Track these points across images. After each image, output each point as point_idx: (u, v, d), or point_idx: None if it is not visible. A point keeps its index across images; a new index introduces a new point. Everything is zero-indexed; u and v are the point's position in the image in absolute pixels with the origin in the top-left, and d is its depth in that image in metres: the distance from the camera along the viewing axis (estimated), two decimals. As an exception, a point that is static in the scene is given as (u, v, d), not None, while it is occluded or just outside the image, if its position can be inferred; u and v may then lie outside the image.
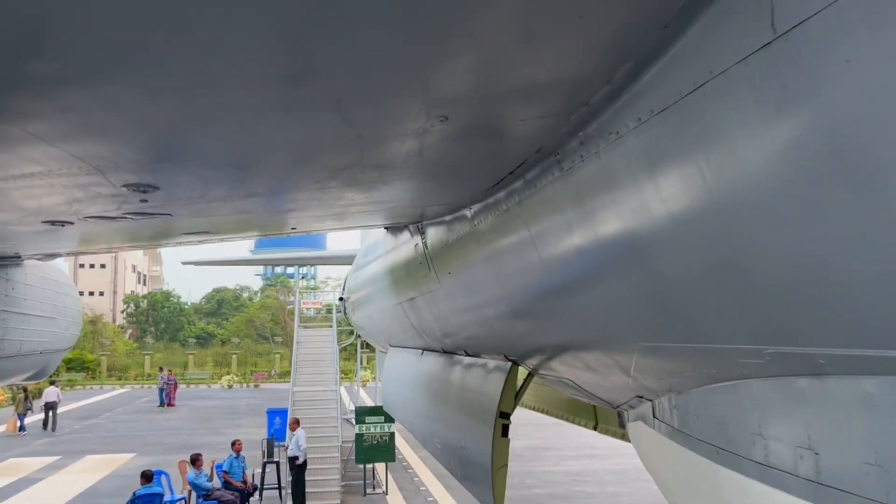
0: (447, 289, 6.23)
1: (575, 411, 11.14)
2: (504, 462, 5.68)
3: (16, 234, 4.77)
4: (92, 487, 18.55)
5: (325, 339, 23.71)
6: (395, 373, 12.39)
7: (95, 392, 49.49)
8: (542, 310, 4.32)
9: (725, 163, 2.10)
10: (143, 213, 4.10)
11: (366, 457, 17.46)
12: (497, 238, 4.43)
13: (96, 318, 71.24)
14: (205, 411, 36.71)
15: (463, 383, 7.05)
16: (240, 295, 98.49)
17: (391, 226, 7.80)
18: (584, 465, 21.05)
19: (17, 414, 29.47)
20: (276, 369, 57.87)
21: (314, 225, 5.79)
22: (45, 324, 11.24)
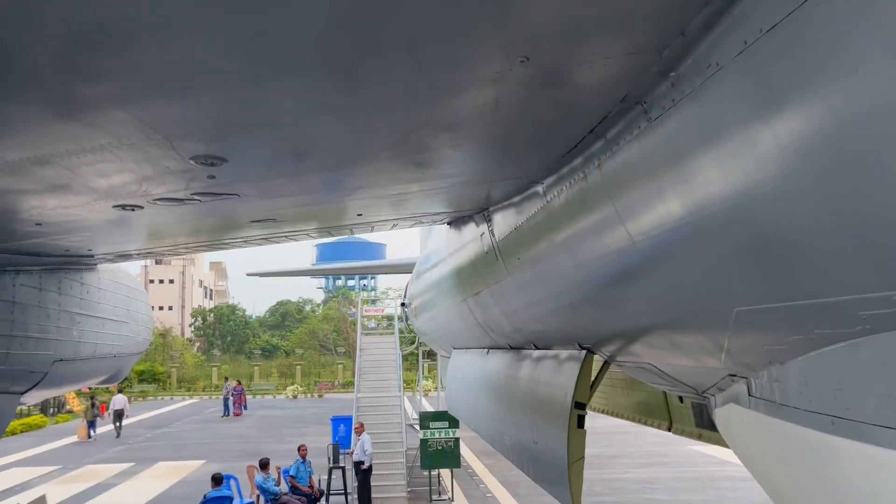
0: (516, 278, 6.02)
1: (647, 412, 10.74)
2: (580, 455, 5.43)
3: (87, 223, 4.80)
4: (164, 493, 18.93)
5: (387, 346, 23.74)
6: (460, 375, 12.21)
7: (166, 402, 50.90)
8: (625, 288, 4.06)
9: (860, 81, 1.81)
10: (210, 194, 4.05)
11: (431, 462, 17.29)
12: (573, 212, 4.19)
13: (166, 331, 73.44)
14: (271, 420, 37.25)
15: (533, 377, 6.81)
16: (303, 307, 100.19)
17: (455, 218, 7.65)
18: (654, 472, 20.41)
19: (86, 421, 30.85)
20: (340, 379, 58.43)
21: (377, 213, 5.66)
22: (118, 328, 11.50)
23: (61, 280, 9.26)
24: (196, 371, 64.55)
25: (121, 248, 7.19)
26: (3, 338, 7.97)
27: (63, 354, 9.42)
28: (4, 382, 8.46)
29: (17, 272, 8.22)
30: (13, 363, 8.28)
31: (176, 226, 5.39)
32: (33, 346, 8.62)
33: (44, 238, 5.35)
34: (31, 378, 8.92)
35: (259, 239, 7.64)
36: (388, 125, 2.98)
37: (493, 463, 22.13)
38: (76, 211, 4.27)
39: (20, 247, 5.79)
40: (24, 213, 4.31)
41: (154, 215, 4.71)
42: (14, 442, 29.81)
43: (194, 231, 6.08)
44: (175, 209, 4.43)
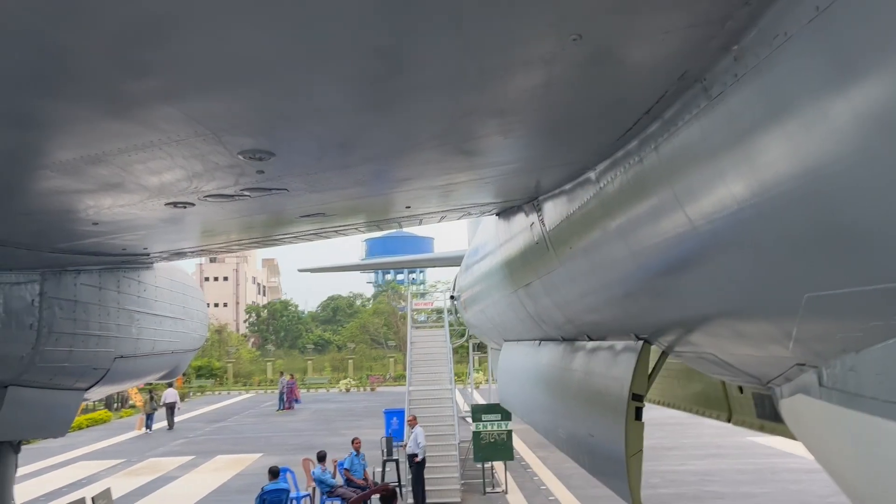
0: (569, 268, 5.89)
1: (705, 403, 10.45)
2: (639, 447, 5.29)
3: (142, 222, 4.87)
4: (223, 485, 19.35)
5: (438, 339, 23.77)
6: (511, 367, 12.11)
7: (223, 397, 52.06)
8: (685, 275, 3.90)
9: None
10: (260, 189, 4.05)
11: (484, 455, 17.25)
12: (628, 198, 4.05)
13: (221, 327, 75.16)
14: (325, 414, 37.75)
15: (588, 369, 6.67)
16: (353, 302, 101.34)
17: (503, 208, 7.55)
18: (712, 464, 19.97)
19: (144, 414, 32.68)
20: (391, 373, 58.88)
21: (425, 204, 5.60)
22: (175, 324, 11.75)
23: (120, 279, 9.49)
24: (251, 366, 65.91)
25: (175, 246, 7.30)
26: (66, 336, 8.20)
27: (123, 351, 9.65)
28: (69, 379, 8.70)
29: (78, 272, 8.44)
30: (77, 360, 8.51)
31: (227, 222, 5.43)
32: (95, 344, 8.85)
33: (101, 237, 5.46)
34: (94, 375, 9.17)
35: (309, 234, 7.67)
36: (436, 112, 2.91)
37: (546, 455, 21.98)
38: (130, 209, 4.32)
39: (80, 246, 5.92)
40: (81, 212, 4.38)
41: (206, 212, 4.74)
42: (81, 436, 30.89)
43: (246, 227, 6.12)
44: (226, 205, 4.45)
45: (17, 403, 7.84)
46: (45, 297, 7.80)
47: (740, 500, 15.93)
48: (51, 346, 7.93)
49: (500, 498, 16.56)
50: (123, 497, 17.99)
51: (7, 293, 7.19)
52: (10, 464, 8.71)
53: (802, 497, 15.93)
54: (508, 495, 16.75)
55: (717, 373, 4.98)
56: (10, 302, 7.22)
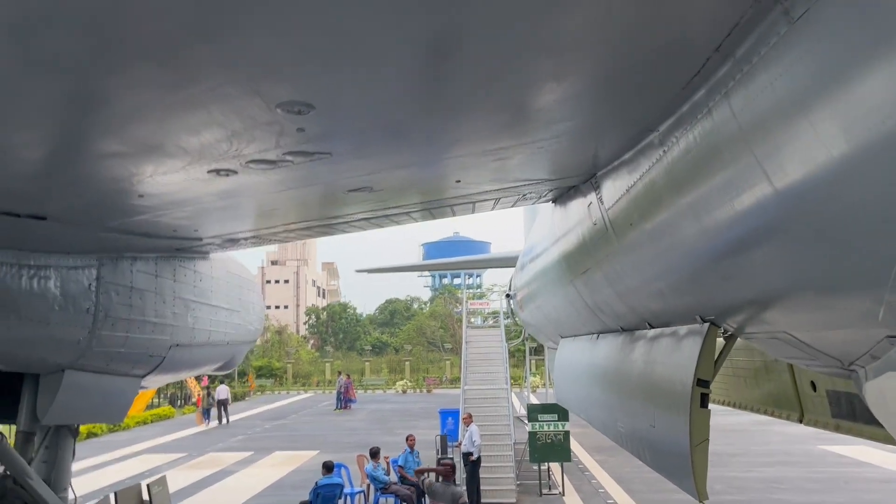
0: (629, 248, 5.55)
1: (774, 402, 9.89)
2: (704, 436, 4.92)
3: (188, 195, 4.79)
4: (280, 480, 19.52)
5: (493, 339, 23.50)
6: (568, 364, 11.76)
7: (282, 397, 52.89)
8: (761, 246, 3.53)
9: None
10: (302, 153, 3.90)
11: (540, 456, 16.89)
12: (696, 160, 3.70)
13: (282, 328, 76.58)
14: (380, 414, 37.88)
15: (648, 357, 6.31)
16: (410, 305, 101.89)
17: (560, 190, 7.26)
18: (780, 471, 19.11)
19: (202, 409, 35.27)
20: (447, 375, 58.81)
21: (476, 179, 5.35)
22: (230, 316, 11.81)
23: (176, 268, 9.56)
24: (310, 367, 66.86)
25: (226, 229, 7.26)
26: (123, 321, 8.27)
27: (179, 340, 9.71)
28: (125, 365, 8.78)
29: (134, 258, 8.52)
30: (132, 346, 8.58)
31: (275, 198, 5.30)
32: (151, 331, 8.91)
33: (149, 214, 5.41)
34: (150, 362, 9.24)
35: (361, 219, 7.54)
36: (484, 50, 2.68)
37: (605, 459, 21.44)
38: (173, 177, 4.23)
39: (130, 224, 5.89)
40: (125, 181, 4.31)
41: (251, 184, 4.63)
42: (146, 431, 31.80)
43: (295, 206, 6.00)
44: (270, 174, 4.31)
45: (74, 387, 7.93)
46: (102, 282, 7.88)
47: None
48: (107, 330, 8.00)
49: (557, 500, 16.18)
50: (184, 489, 18.32)
51: (65, 277, 7.26)
52: (68, 447, 8.84)
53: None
54: (565, 497, 16.35)
55: (790, 356, 4.58)
56: (67, 285, 7.29)
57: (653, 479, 18.97)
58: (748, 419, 30.32)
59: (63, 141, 3.66)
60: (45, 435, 8.60)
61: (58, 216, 5.22)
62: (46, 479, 8.37)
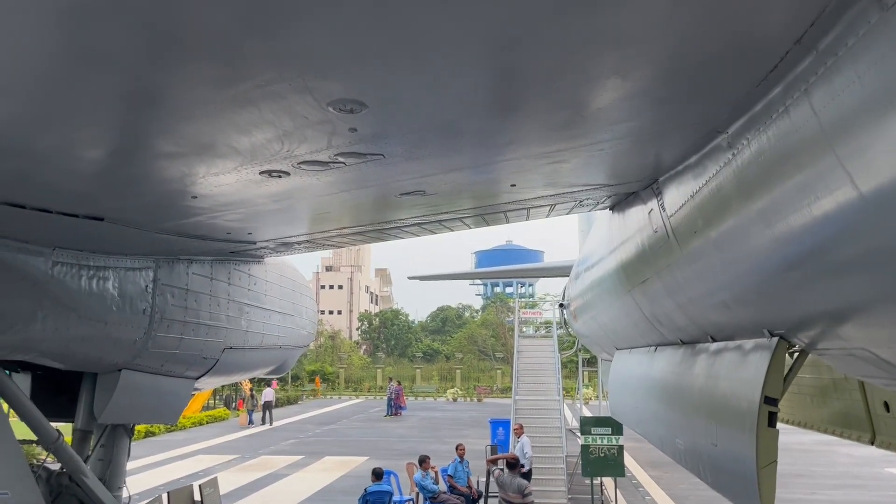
0: (692, 257, 5.31)
1: (843, 423, 9.41)
2: (772, 458, 4.63)
3: (240, 197, 4.77)
4: (329, 485, 19.57)
5: (545, 349, 23.17)
6: (624, 376, 11.43)
7: (334, 401, 53.34)
8: (842, 252, 3.27)
9: None
10: (354, 154, 3.81)
11: (593, 470, 16.47)
12: (771, 163, 3.46)
13: (335, 333, 77.39)
14: (431, 422, 37.81)
15: (711, 373, 6.02)
16: (462, 313, 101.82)
17: (618, 197, 7.03)
18: (847, 495, 18.25)
19: (248, 410, 36.95)
20: (498, 384, 58.41)
21: (531, 183, 5.19)
22: (283, 320, 11.88)
23: (231, 271, 9.65)
24: (362, 372, 67.35)
25: (280, 232, 7.27)
26: (177, 323, 8.36)
27: (232, 343, 9.79)
28: (180, 366, 8.88)
29: (190, 261, 8.62)
30: (187, 348, 8.67)
31: (327, 201, 5.25)
32: (205, 333, 9.00)
33: (203, 216, 5.42)
34: (203, 364, 9.33)
35: (413, 225, 7.45)
36: (546, 44, 2.52)
37: (660, 475, 20.85)
38: (226, 178, 4.20)
39: (185, 227, 5.93)
40: (179, 182, 4.31)
41: (303, 186, 4.57)
42: (201, 432, 32.43)
43: (347, 210, 5.94)
44: (322, 176, 4.25)
45: (130, 387, 8.04)
46: (158, 284, 7.99)
47: (882, 535, 14.38)
48: (162, 332, 8.10)
49: (610, 516, 15.76)
50: (236, 490, 18.54)
51: (122, 278, 7.38)
52: (123, 447, 8.97)
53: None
54: (618, 514, 15.92)
55: (867, 374, 4.28)
56: (125, 286, 7.40)
57: (710, 497, 18.27)
58: (811, 438, 29.08)
59: (117, 139, 3.66)
60: (101, 434, 8.75)
61: (114, 217, 5.27)
62: (102, 477, 8.52)
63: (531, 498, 11.54)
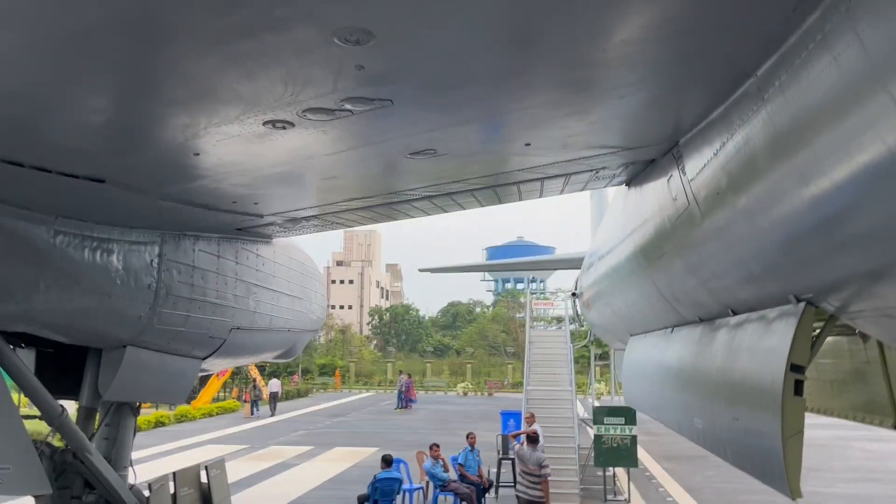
0: (715, 222, 5.06)
1: (865, 407, 9.15)
2: (798, 428, 4.41)
3: (244, 155, 4.58)
4: (339, 475, 19.46)
5: (557, 340, 22.94)
6: (638, 362, 11.20)
7: (344, 394, 53.32)
8: (885, 202, 3.04)
9: None
10: (361, 99, 3.62)
11: (605, 460, 16.26)
12: (807, 104, 3.19)
13: (345, 327, 77.44)
14: (441, 414, 37.70)
15: (732, 346, 5.79)
16: (473, 309, 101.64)
17: (634, 168, 6.81)
18: (865, 488, 17.93)
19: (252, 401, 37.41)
20: (509, 379, 58.20)
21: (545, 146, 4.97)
22: (292, 303, 11.74)
23: (238, 250, 9.51)
24: (372, 366, 67.37)
25: (287, 204, 7.10)
26: (183, 300, 8.22)
27: (240, 323, 9.65)
28: (186, 345, 8.74)
29: (196, 238, 8.48)
30: (193, 326, 8.53)
31: (334, 163, 5.05)
32: (212, 312, 8.86)
33: (207, 179, 5.25)
34: (210, 344, 9.19)
35: (423, 199, 7.29)
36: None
37: (673, 467, 20.60)
38: (228, 130, 4.02)
39: (189, 192, 5.76)
40: (179, 134, 4.14)
41: (308, 144, 4.39)
42: (212, 422, 32.46)
43: (355, 177, 5.76)
44: (328, 128, 4.06)
45: (135, 365, 7.90)
46: (164, 260, 7.84)
47: (901, 528, 14.08)
48: (168, 308, 7.96)
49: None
50: (246, 479, 18.45)
51: (127, 251, 7.24)
52: (128, 426, 8.85)
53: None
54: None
55: (904, 339, 4.04)
56: (129, 260, 7.26)
57: (725, 490, 18.12)
58: (827, 434, 28.72)
59: (113, 78, 3.48)
60: (106, 412, 8.63)
61: (116, 179, 5.10)
62: (107, 456, 8.39)
63: (548, 471, 12.25)
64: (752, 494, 16.98)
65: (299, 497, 16.39)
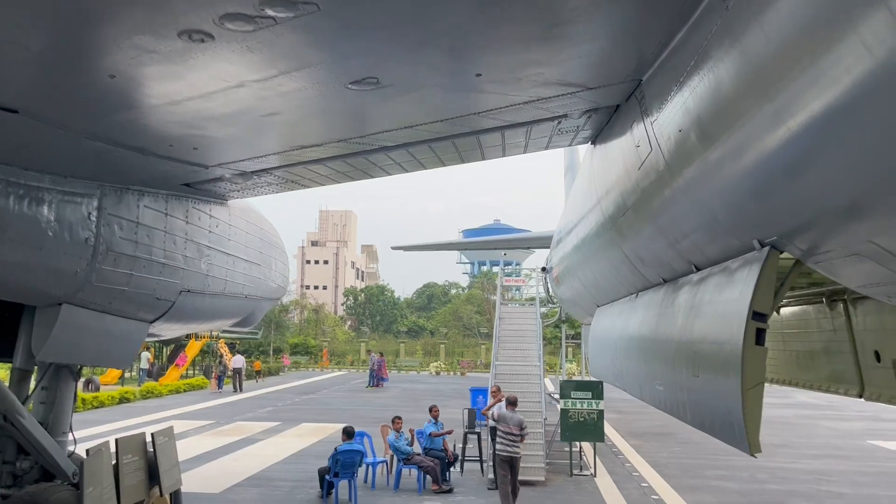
0: (677, 163, 4.74)
1: (832, 377, 9.03)
2: (759, 379, 4.15)
3: (167, 80, 4.17)
4: (304, 449, 19.14)
5: (528, 316, 22.74)
6: (603, 331, 10.99)
7: (316, 373, 52.92)
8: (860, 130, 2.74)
9: None
10: (283, 3, 3.23)
11: (571, 434, 16.11)
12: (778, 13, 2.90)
13: (319, 307, 76.84)
14: (413, 393, 37.52)
15: (694, 301, 5.53)
16: (448, 291, 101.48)
17: (598, 118, 6.49)
18: (828, 464, 18.01)
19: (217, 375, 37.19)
20: (482, 360, 58.15)
21: (499, 77, 4.61)
22: (249, 268, 11.30)
23: (188, 209, 9.06)
24: (346, 346, 66.89)
25: (231, 153, 6.68)
26: (126, 257, 7.78)
27: (190, 286, 9.22)
28: (130, 306, 8.31)
29: (141, 193, 8.03)
30: (137, 286, 8.10)
31: (269, 94, 4.64)
32: (158, 272, 8.42)
33: (131, 111, 4.82)
34: (157, 306, 8.76)
35: (378, 150, 6.94)
36: None
37: (640, 444, 20.57)
38: (141, 43, 3.60)
39: (117, 130, 5.32)
40: (87, 47, 3.71)
41: (233, 66, 3.99)
42: (178, 399, 31.93)
43: (296, 113, 5.33)
44: (251, 42, 3.66)
45: (72, 324, 7.46)
46: (104, 213, 7.39)
47: (865, 501, 14.09)
48: (108, 265, 7.52)
49: (588, 481, 15.38)
50: (208, 453, 18.08)
51: (60, 202, 6.78)
52: (68, 390, 8.41)
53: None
54: (597, 479, 15.55)
55: (871, 280, 3.77)
56: (63, 212, 6.81)
57: (690, 465, 18.08)
58: (791, 413, 28.98)
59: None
60: (43, 375, 8.18)
61: (30, 109, 4.66)
62: (44, 421, 7.96)
63: (527, 431, 13.05)
64: (716, 470, 16.99)
65: (262, 470, 16.04)
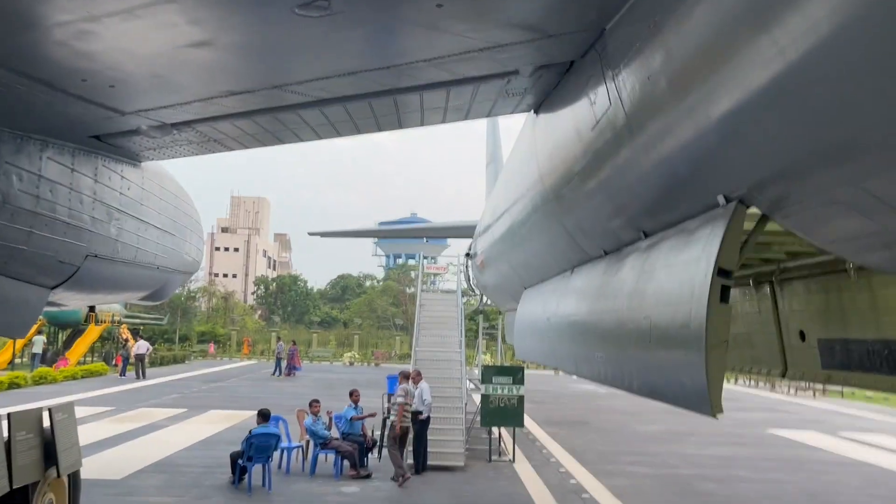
0: (641, 116, 4.55)
1: (754, 358, 9.17)
2: (724, 337, 4.01)
3: None
4: (214, 435, 18.34)
5: (449, 303, 22.54)
6: (531, 312, 10.84)
7: (224, 362, 51.21)
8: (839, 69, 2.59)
9: None
10: None
11: (491, 420, 16.02)
12: None
13: (228, 294, 74.44)
14: (326, 382, 36.80)
15: (645, 267, 5.36)
16: (363, 282, 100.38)
17: (548, 80, 6.27)
18: (734, 451, 18.71)
19: (118, 360, 36.73)
20: (397, 351, 57.79)
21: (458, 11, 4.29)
22: (162, 237, 10.57)
23: (98, 167, 8.32)
24: (255, 336, 65.03)
25: (152, 98, 6.07)
26: (25, 213, 7.03)
27: (98, 250, 8.47)
28: (29, 269, 7.53)
29: (45, 143, 7.28)
30: (38, 246, 7.34)
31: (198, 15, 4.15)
32: (62, 232, 7.67)
33: (32, 29, 4.21)
34: (60, 270, 8.00)
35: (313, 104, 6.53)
36: None
37: (555, 431, 20.78)
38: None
39: (15, 49, 4.66)
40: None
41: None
42: (76, 385, 30.13)
43: (231, 49, 4.84)
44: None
45: (-41, 284, 6.66)
46: (1, 162, 6.64)
47: (769, 484, 14.62)
48: (4, 220, 6.76)
49: (507, 466, 15.33)
50: (109, 439, 16.99)
51: (-51, 143, 6.00)
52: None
53: (838, 487, 14.60)
54: (516, 465, 15.52)
55: (843, 233, 3.67)
56: (-49, 153, 6.03)
57: (605, 452, 18.36)
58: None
59: None
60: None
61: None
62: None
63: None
64: (631, 455, 17.32)
65: (167, 457, 15.16)
